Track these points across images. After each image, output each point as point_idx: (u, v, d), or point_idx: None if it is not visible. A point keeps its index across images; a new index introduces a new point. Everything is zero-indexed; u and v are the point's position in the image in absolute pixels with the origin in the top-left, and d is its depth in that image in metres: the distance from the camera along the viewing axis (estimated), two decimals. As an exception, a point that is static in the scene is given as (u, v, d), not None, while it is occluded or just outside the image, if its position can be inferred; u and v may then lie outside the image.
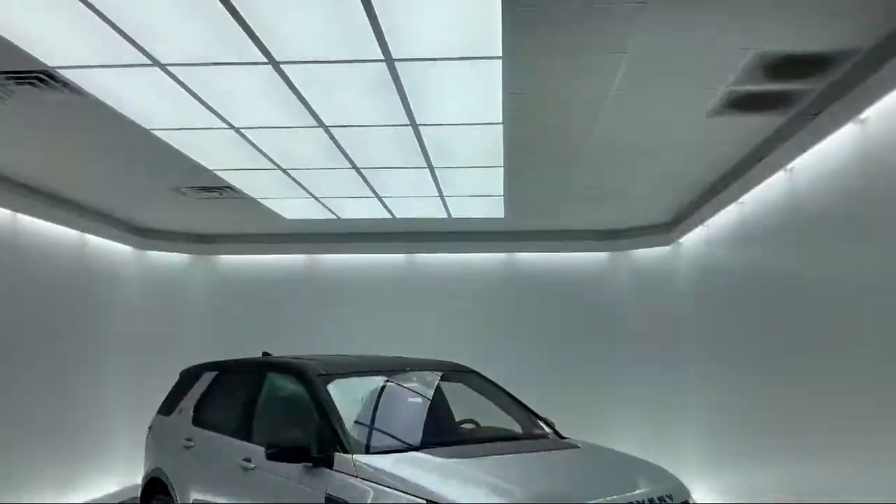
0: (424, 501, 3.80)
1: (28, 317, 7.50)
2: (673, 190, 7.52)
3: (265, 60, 4.36)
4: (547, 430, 5.43)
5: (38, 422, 7.65)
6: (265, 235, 9.96)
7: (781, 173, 5.80)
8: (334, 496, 4.23)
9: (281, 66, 4.45)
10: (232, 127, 5.54)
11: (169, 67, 4.48)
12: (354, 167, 6.58)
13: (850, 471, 4.82)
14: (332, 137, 5.76)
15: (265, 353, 6.22)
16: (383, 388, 5.30)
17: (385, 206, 8.14)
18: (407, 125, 5.47)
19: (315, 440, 4.50)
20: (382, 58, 4.32)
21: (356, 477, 4.20)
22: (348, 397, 4.96)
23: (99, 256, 8.84)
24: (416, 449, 4.55)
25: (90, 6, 3.74)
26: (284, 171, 6.72)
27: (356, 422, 4.75)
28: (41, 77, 4.64)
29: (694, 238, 8.37)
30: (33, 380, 7.56)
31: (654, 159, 6.38)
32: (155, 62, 4.40)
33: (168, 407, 6.38)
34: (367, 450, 4.46)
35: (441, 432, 5.25)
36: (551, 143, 5.95)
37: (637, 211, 8.53)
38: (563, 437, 5.36)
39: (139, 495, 6.32)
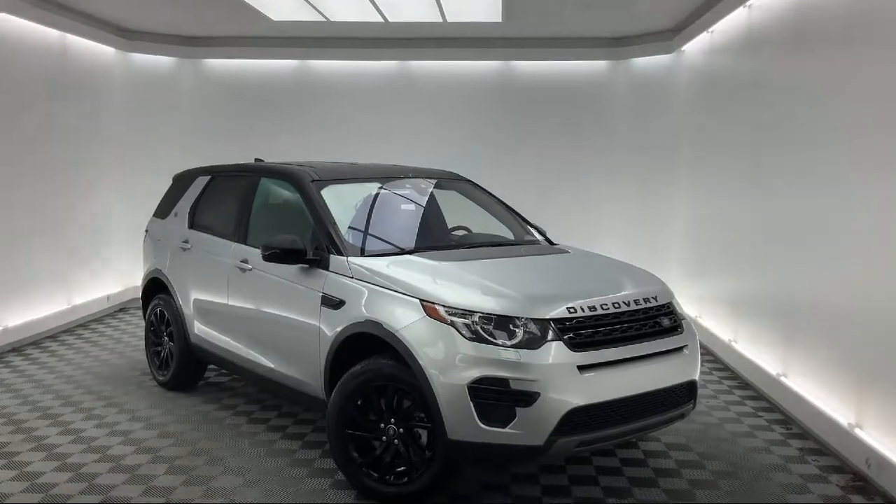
0: (418, 300, 3.94)
1: (15, 120, 7.36)
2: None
3: None
4: (538, 236, 5.54)
5: (38, 227, 7.76)
6: (253, 38, 9.58)
7: (795, -25, 5.51)
8: (330, 295, 4.37)
9: None
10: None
11: None
12: (344, -37, 6.21)
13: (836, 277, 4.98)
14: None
15: (257, 160, 6.20)
16: (377, 194, 5.34)
17: (377, 8, 7.76)
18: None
19: (310, 242, 4.60)
20: None
21: (351, 278, 4.33)
22: (342, 203, 5.00)
23: (81, 58, 8.54)
24: (410, 253, 4.67)
25: None
26: (270, -34, 6.34)
27: (350, 226, 4.82)
28: None
29: (697, 46, 8.10)
30: (28, 185, 7.56)
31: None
32: None
33: (163, 210, 6.44)
34: (362, 253, 4.56)
35: (434, 237, 5.36)
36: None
37: (639, 16, 8.17)
38: (553, 244, 5.48)
39: (140, 295, 6.54)
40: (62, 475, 4.36)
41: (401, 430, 3.98)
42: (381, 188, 5.38)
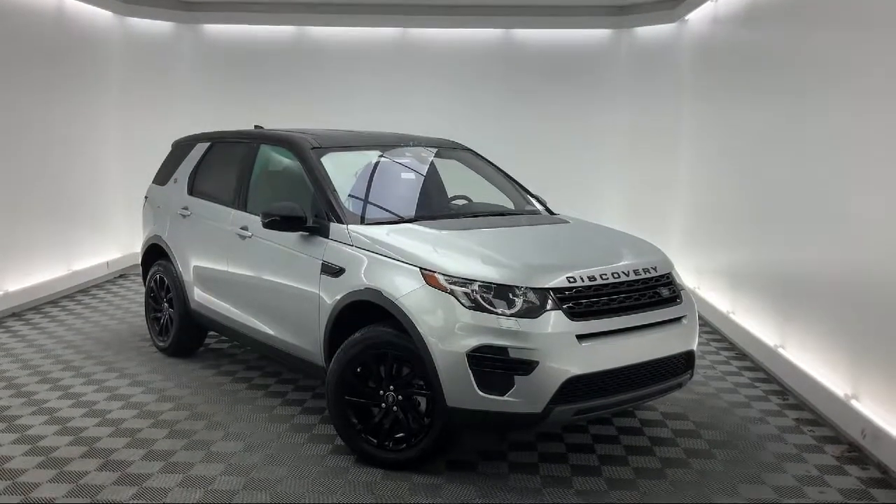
0: (418, 269, 3.94)
1: (12, 85, 7.30)
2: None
3: None
4: (538, 206, 5.53)
5: (37, 193, 7.73)
6: (252, 4, 9.48)
7: (802, -57, 5.44)
8: (330, 263, 4.37)
9: None
10: None
11: None
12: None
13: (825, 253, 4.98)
14: None
15: (257, 126, 6.16)
16: (377, 162, 5.31)
17: (378, -27, 7.68)
18: None
19: (310, 210, 4.59)
20: None
21: (351, 245, 4.32)
22: (342, 171, 4.97)
23: (78, 22, 8.45)
24: (410, 221, 4.66)
25: None
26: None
27: (350, 194, 4.80)
28: None
29: (701, 14, 8.02)
30: (26, 151, 7.52)
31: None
32: None
33: (163, 177, 6.42)
34: (362, 221, 4.55)
35: (434, 206, 5.33)
36: None
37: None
38: (553, 213, 5.47)
39: (140, 261, 6.53)
40: (63, 439, 4.39)
41: (400, 397, 4.01)
42: (381, 156, 5.35)
